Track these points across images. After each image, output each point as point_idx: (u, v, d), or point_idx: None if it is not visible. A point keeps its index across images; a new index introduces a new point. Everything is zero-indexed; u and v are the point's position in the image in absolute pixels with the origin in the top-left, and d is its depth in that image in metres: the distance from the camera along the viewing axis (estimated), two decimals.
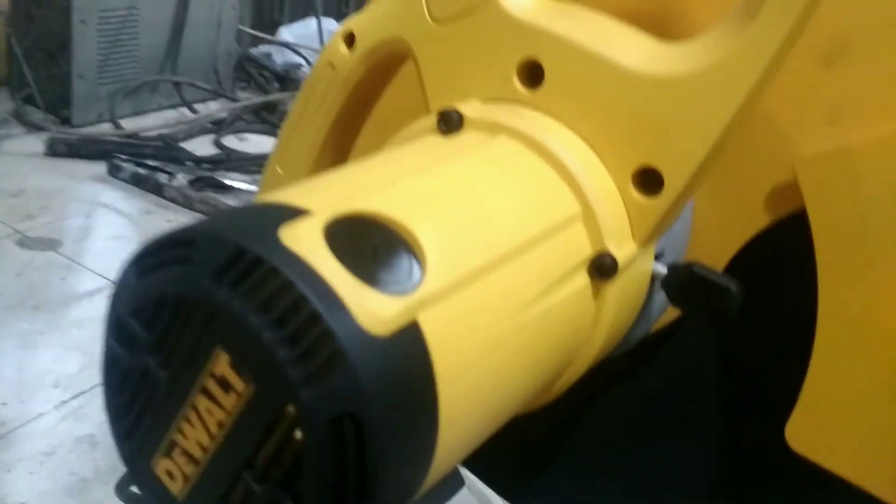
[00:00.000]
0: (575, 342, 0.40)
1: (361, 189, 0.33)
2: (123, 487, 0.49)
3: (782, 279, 0.48)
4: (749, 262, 0.47)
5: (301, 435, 0.26)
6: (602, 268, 0.39)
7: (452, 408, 0.30)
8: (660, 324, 0.50)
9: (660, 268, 0.43)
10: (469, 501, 1.02)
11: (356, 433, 0.26)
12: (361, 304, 0.27)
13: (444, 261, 0.31)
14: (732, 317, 0.41)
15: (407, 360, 0.28)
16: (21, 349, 1.28)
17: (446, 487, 0.53)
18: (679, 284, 0.42)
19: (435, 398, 0.29)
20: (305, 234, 0.28)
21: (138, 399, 0.30)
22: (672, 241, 0.46)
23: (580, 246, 0.39)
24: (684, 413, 0.53)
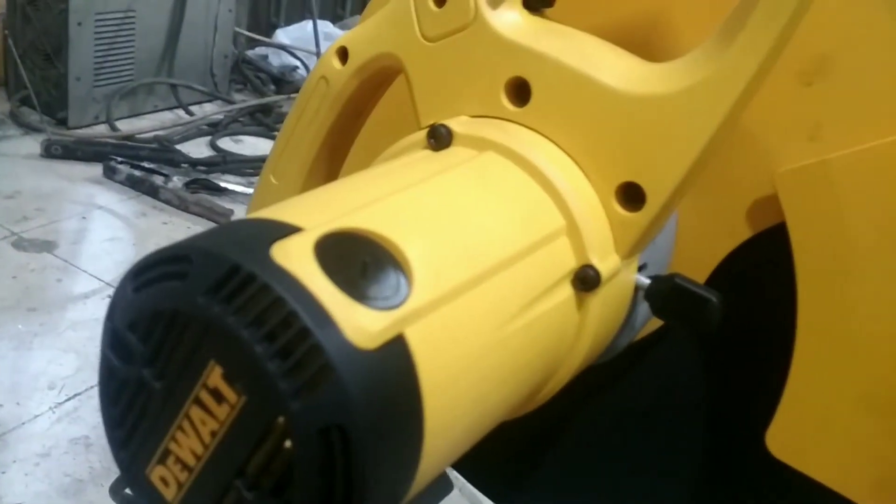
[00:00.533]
0: (559, 352, 0.41)
1: (351, 206, 0.34)
2: (118, 489, 0.50)
3: (763, 290, 0.49)
4: (731, 274, 0.48)
5: (291, 445, 0.27)
6: (585, 280, 0.40)
7: (437, 418, 0.31)
8: (645, 332, 0.51)
9: (643, 280, 0.44)
10: (461, 502, 1.03)
11: (344, 443, 0.27)
12: (349, 319, 0.28)
13: (431, 275, 0.32)
14: (713, 328, 0.42)
15: (393, 373, 0.29)
16: (16, 351, 1.29)
17: (435, 492, 0.54)
18: (661, 296, 0.43)
19: (420, 409, 0.30)
20: (296, 252, 0.29)
21: (134, 408, 0.31)
22: (656, 254, 0.47)
23: (564, 259, 0.40)
24: (668, 419, 0.54)
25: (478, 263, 0.35)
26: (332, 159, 0.53)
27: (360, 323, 0.28)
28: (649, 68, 0.41)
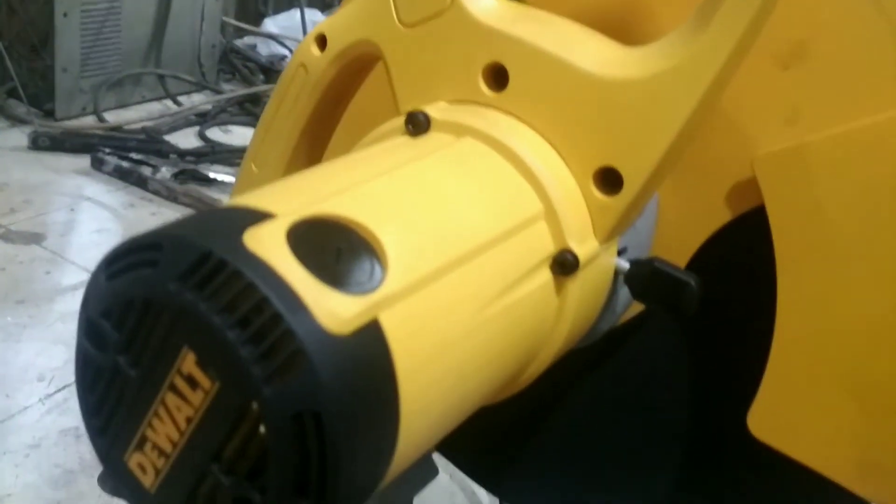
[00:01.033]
0: (538, 336, 0.41)
1: (326, 192, 0.34)
2: (106, 479, 0.50)
3: (744, 273, 0.49)
4: (711, 257, 0.48)
5: (265, 430, 0.28)
6: (564, 264, 0.40)
7: (413, 402, 0.31)
8: (627, 316, 0.51)
9: (623, 263, 0.44)
10: (450, 488, 1.04)
11: (317, 428, 0.27)
12: (321, 304, 0.28)
13: (406, 260, 0.32)
14: (692, 311, 0.43)
15: (367, 358, 0.29)
16: (5, 343, 1.29)
17: (419, 476, 0.55)
18: (641, 279, 0.44)
19: (395, 393, 0.30)
20: (269, 238, 0.29)
21: (110, 396, 0.31)
22: (636, 238, 0.47)
23: (542, 243, 0.40)
24: (651, 403, 0.54)
25: (453, 248, 0.35)
26: (314, 146, 0.53)
27: (333, 308, 0.28)
28: (626, 52, 0.41)
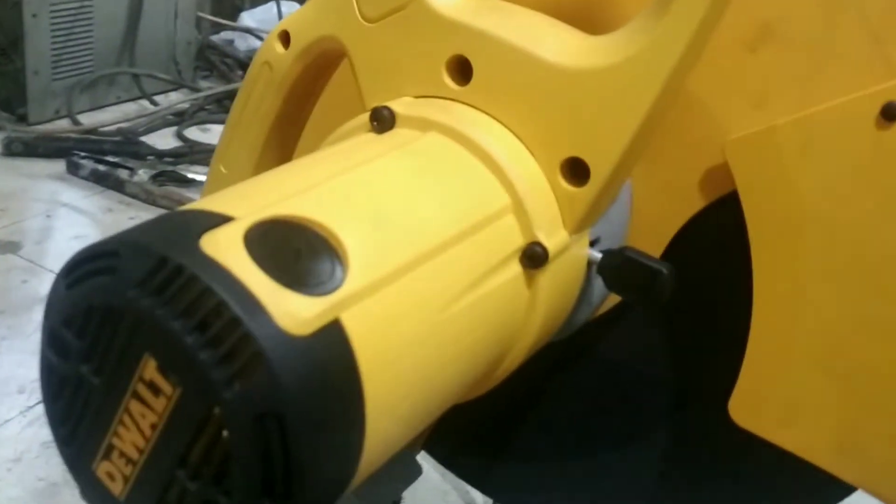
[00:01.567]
0: (511, 329, 0.42)
1: (287, 192, 0.34)
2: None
3: (720, 258, 0.50)
4: (688, 244, 0.49)
5: (228, 434, 0.28)
6: (533, 257, 0.41)
7: (379, 400, 0.32)
8: (607, 307, 0.52)
9: (595, 254, 0.45)
10: (442, 487, 1.05)
11: (280, 431, 0.28)
12: (280, 306, 0.29)
13: (368, 259, 0.33)
14: (665, 299, 0.44)
15: (329, 358, 0.30)
16: None
17: (402, 475, 0.55)
18: (613, 269, 0.44)
19: (360, 393, 0.31)
20: (226, 241, 0.30)
21: (75, 405, 0.32)
22: (609, 227, 0.48)
23: (511, 237, 0.41)
24: (633, 391, 0.55)
25: (418, 245, 0.36)
26: (282, 145, 0.54)
27: (292, 309, 0.29)
28: (588, 42, 0.42)
